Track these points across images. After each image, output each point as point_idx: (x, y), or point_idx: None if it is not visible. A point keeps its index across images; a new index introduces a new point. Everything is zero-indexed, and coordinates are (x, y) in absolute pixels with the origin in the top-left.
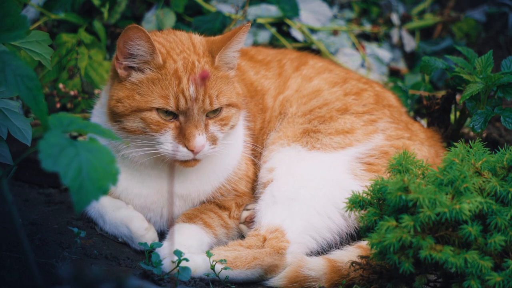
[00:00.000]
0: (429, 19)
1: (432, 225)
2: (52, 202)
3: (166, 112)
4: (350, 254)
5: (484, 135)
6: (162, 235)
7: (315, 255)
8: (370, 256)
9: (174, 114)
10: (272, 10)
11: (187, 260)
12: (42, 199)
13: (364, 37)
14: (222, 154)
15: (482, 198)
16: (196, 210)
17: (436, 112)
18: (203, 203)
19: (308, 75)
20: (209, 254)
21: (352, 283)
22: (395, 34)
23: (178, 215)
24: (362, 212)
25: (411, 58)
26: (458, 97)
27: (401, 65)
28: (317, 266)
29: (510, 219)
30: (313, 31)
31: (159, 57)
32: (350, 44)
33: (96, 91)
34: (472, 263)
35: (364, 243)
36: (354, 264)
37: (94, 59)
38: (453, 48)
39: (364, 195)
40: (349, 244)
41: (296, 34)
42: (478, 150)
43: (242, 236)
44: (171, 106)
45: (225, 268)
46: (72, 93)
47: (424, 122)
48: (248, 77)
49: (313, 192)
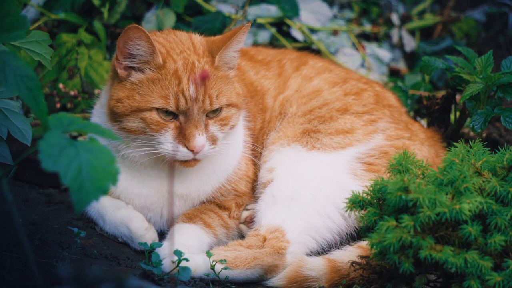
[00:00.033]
0: (429, 19)
1: (432, 225)
2: (52, 202)
3: (166, 112)
4: (350, 254)
5: (484, 135)
6: (162, 235)
7: (315, 255)
8: (370, 256)
9: (174, 114)
10: (272, 10)
11: (187, 260)
12: (42, 199)
13: (364, 37)
14: (222, 154)
15: (482, 198)
16: (196, 210)
17: (436, 112)
18: (203, 203)
19: (308, 75)
20: (209, 254)
21: (352, 283)
22: (395, 34)
23: (178, 215)
24: (362, 212)
25: (411, 58)
26: (458, 97)
27: (401, 65)
28: (317, 266)
29: (510, 219)
30: (313, 31)
31: (159, 57)
32: (350, 44)
33: (96, 91)
34: (472, 263)
35: (364, 243)
36: (354, 264)
37: (94, 59)
38: (453, 48)
39: (364, 195)
40: (349, 244)
41: (296, 34)
42: (478, 150)
43: (242, 236)
44: (171, 106)
45: (225, 268)
46: (72, 93)
47: (424, 122)
48: (248, 77)
49: (313, 192)
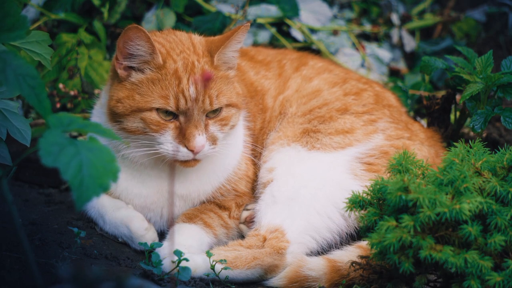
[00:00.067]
0: (429, 19)
1: (432, 225)
2: (52, 202)
3: (166, 112)
4: (350, 254)
5: (484, 135)
6: (162, 235)
7: (315, 255)
8: (370, 256)
9: (174, 114)
10: (272, 10)
11: (187, 260)
12: (42, 199)
13: (364, 37)
14: (222, 154)
15: (482, 198)
16: (196, 210)
17: (436, 112)
18: (203, 203)
19: (308, 76)
20: (209, 254)
21: (352, 283)
22: (395, 34)
23: (178, 215)
24: (362, 212)
25: (411, 58)
26: (458, 97)
27: (401, 65)
28: (317, 266)
29: (510, 219)
30: (313, 31)
31: (159, 57)
32: (350, 44)
33: (96, 91)
34: (472, 263)
35: (364, 243)
36: (354, 264)
37: (94, 59)
38: (453, 48)
39: (364, 195)
40: (349, 244)
41: (296, 34)
42: (478, 150)
43: (242, 236)
44: (171, 106)
45: (225, 268)
46: (72, 93)
47: (424, 122)
48: (248, 77)
49: (313, 192)
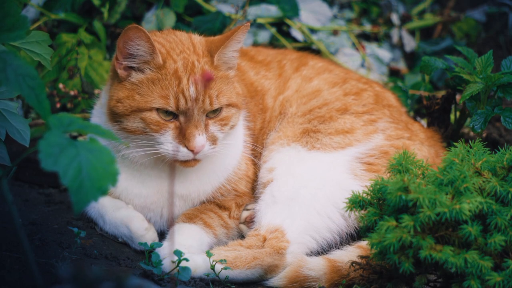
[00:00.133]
0: (429, 19)
1: (432, 225)
2: (52, 202)
3: (166, 112)
4: (350, 254)
5: (484, 135)
6: (162, 235)
7: (315, 255)
8: (370, 256)
9: (174, 114)
10: (272, 10)
11: (187, 260)
12: (42, 199)
13: (364, 37)
14: (222, 154)
15: (482, 198)
16: (196, 210)
17: (436, 112)
18: (203, 203)
19: (308, 76)
20: (209, 254)
21: (352, 283)
22: (395, 34)
23: (178, 215)
24: (362, 212)
25: (411, 58)
26: (458, 97)
27: (401, 65)
28: (317, 266)
29: (510, 219)
30: (313, 31)
31: (159, 57)
32: (350, 44)
33: (96, 91)
34: (472, 263)
35: (364, 243)
36: (354, 264)
37: (94, 59)
38: (453, 48)
39: (364, 195)
40: (349, 244)
41: (296, 34)
42: (478, 150)
43: (242, 236)
44: (171, 106)
45: (225, 268)
46: (72, 93)
47: (424, 122)
48: (248, 77)
49: (313, 192)
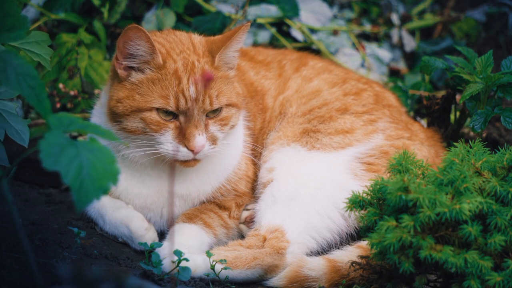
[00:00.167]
0: (429, 19)
1: (432, 225)
2: (52, 202)
3: (166, 112)
4: (350, 254)
5: (484, 135)
6: (162, 235)
7: (315, 255)
8: (370, 256)
9: (174, 114)
10: (272, 10)
11: (187, 260)
12: (42, 199)
13: (364, 37)
14: (222, 154)
15: (482, 198)
16: (196, 210)
17: (436, 112)
18: (203, 203)
19: (308, 76)
20: (209, 254)
21: (352, 283)
22: (395, 34)
23: (178, 215)
24: (362, 212)
25: (411, 58)
26: (458, 97)
27: (401, 65)
28: (317, 266)
29: (510, 219)
30: (313, 31)
31: (159, 57)
32: (350, 44)
33: (96, 91)
34: (472, 263)
35: (364, 243)
36: (354, 264)
37: (94, 59)
38: (453, 48)
39: (364, 195)
40: (349, 244)
41: (296, 34)
42: (478, 150)
43: (242, 236)
44: (171, 106)
45: (225, 268)
46: (72, 93)
47: (424, 122)
48: (248, 77)
49: (313, 192)
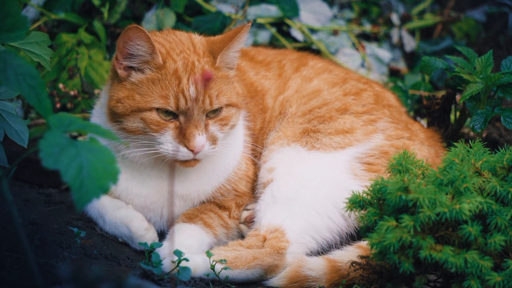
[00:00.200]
0: (429, 19)
1: (432, 225)
2: (52, 202)
3: (166, 112)
4: (350, 254)
5: (484, 135)
6: (162, 235)
7: (315, 255)
8: (370, 256)
9: (174, 114)
10: (272, 10)
11: (187, 260)
12: (42, 199)
13: (364, 37)
14: (222, 154)
15: (482, 198)
16: (196, 210)
17: (436, 112)
18: (203, 203)
19: (308, 76)
20: (209, 254)
21: (352, 283)
22: (395, 34)
23: (178, 215)
24: (362, 212)
25: (411, 58)
26: (458, 97)
27: (401, 65)
28: (317, 266)
29: (510, 219)
30: (313, 31)
31: (159, 57)
32: (350, 44)
33: (96, 91)
34: (472, 263)
35: (364, 243)
36: (354, 264)
37: (94, 59)
38: (453, 48)
39: (364, 195)
40: (349, 244)
41: (296, 34)
42: (478, 150)
43: (242, 236)
44: (171, 106)
45: (225, 268)
46: (72, 93)
47: (424, 122)
48: (248, 77)
49: (313, 192)
